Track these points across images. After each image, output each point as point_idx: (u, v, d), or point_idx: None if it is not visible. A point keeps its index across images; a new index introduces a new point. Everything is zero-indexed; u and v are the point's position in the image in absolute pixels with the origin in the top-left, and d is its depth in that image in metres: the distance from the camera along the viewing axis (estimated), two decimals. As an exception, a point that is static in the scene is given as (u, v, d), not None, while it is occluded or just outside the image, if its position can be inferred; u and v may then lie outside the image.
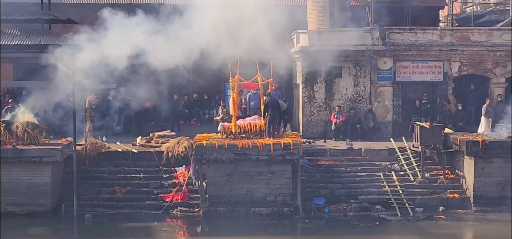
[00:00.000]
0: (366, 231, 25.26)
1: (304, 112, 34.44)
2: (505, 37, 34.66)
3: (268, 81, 29.19)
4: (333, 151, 30.62)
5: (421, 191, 28.38)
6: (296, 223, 26.39)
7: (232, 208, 26.75)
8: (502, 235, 24.99)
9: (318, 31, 34.36)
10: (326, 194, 28.07)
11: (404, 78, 34.65)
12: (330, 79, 34.32)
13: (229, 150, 26.67)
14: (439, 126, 30.23)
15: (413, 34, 34.49)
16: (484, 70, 34.89)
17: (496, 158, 27.78)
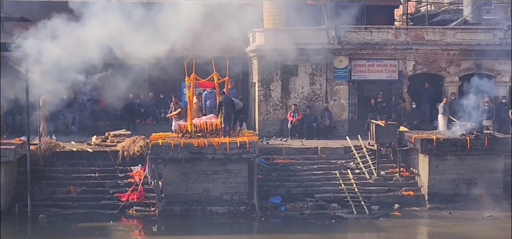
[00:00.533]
0: (322, 229, 25.31)
1: (260, 111, 34.45)
2: (459, 36, 35.08)
3: (224, 80, 29.11)
4: (289, 150, 30.66)
5: (377, 189, 28.56)
6: (253, 222, 26.36)
7: (188, 207, 26.65)
8: (455, 231, 25.26)
9: (274, 30, 34.37)
10: (282, 193, 28.09)
11: (359, 77, 34.85)
12: (286, 78, 34.38)
13: (185, 149, 26.55)
14: (394, 124, 30.44)
15: (368, 33, 34.70)
16: (438, 69, 35.23)
17: (450, 155, 28.05)
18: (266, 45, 33.91)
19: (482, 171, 28.07)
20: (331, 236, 24.95)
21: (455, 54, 34.90)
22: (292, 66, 34.33)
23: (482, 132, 28.59)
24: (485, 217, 26.65)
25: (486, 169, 28.08)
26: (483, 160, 28.08)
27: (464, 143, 27.92)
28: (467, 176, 28.06)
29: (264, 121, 34.43)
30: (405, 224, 26.24)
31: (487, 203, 27.48)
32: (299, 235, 24.96)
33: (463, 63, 35.12)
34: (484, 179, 28.05)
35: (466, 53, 34.83)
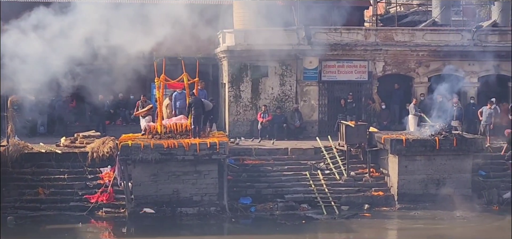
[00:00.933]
0: (293, 229, 25.33)
1: (231, 112, 34.42)
2: (428, 37, 35.32)
3: (194, 81, 29.04)
4: (259, 150, 30.65)
5: (347, 189, 28.61)
6: (223, 223, 26.32)
7: (158, 208, 26.54)
8: (424, 231, 25.41)
9: (244, 31, 34.39)
10: (252, 193, 28.06)
11: (329, 78, 34.94)
12: (256, 79, 34.38)
13: (155, 150, 26.44)
14: (364, 124, 30.54)
15: (338, 34, 34.80)
16: (408, 69, 35.44)
17: (419, 156, 28.19)
18: (236, 46, 33.90)
19: (451, 171, 28.25)
20: (301, 236, 24.95)
21: (424, 55, 35.14)
22: (262, 67, 34.35)
23: (450, 132, 28.77)
24: (455, 217, 26.81)
25: (455, 169, 28.26)
26: (452, 160, 28.26)
27: (433, 143, 28.08)
28: (436, 176, 28.22)
29: (234, 121, 34.41)
30: (375, 224, 26.33)
31: (456, 203, 27.66)
32: (269, 236, 24.95)
33: (432, 64, 35.37)
34: (453, 179, 28.23)
35: (435, 54, 35.04)
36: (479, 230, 25.62)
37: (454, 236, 25.25)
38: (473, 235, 25.21)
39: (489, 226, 26.09)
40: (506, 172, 29.85)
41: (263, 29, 34.49)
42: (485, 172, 29.68)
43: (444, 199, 27.87)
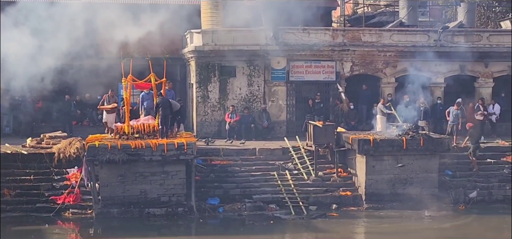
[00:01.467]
0: (261, 230, 25.33)
1: (198, 112, 34.33)
2: (395, 38, 35.51)
3: (162, 81, 28.91)
4: (227, 151, 30.60)
5: (315, 190, 28.65)
6: (191, 224, 26.24)
7: (126, 209, 26.40)
8: (392, 231, 25.52)
9: (211, 31, 34.31)
10: (220, 194, 28.01)
11: (297, 78, 34.97)
12: (224, 79, 34.33)
13: (122, 150, 26.28)
14: (331, 125, 30.63)
15: (306, 34, 34.84)
16: (375, 70, 35.59)
17: (386, 156, 28.32)
18: (204, 46, 33.82)
19: (418, 171, 28.40)
20: (269, 237, 24.96)
21: (391, 55, 35.31)
22: (230, 67, 34.31)
23: (417, 132, 28.93)
24: (422, 217, 26.96)
25: (421, 168, 28.42)
26: (418, 160, 28.41)
27: (400, 143, 28.22)
28: (404, 176, 28.35)
29: (202, 122, 34.32)
30: (343, 224, 26.39)
31: (423, 202, 27.82)
32: (237, 237, 24.93)
33: (399, 65, 35.55)
34: (420, 179, 28.39)
35: (402, 54, 35.23)
36: (446, 229, 25.79)
37: (421, 235, 25.35)
38: (440, 234, 25.37)
39: (456, 225, 26.27)
40: (472, 172, 30.12)
41: (230, 29, 34.48)
42: (451, 172, 29.91)
43: (411, 198, 28.03)
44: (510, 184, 29.43)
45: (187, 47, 35.31)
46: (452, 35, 36.11)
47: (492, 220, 26.85)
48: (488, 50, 35.90)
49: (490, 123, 35.22)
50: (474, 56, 35.52)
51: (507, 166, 30.51)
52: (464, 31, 36.98)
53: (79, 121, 36.24)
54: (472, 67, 36.12)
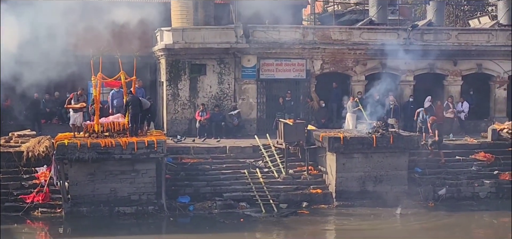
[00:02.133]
0: (231, 228, 25.29)
1: (168, 110, 34.23)
2: (365, 36, 35.65)
3: (132, 79, 28.77)
4: (198, 149, 30.53)
5: (285, 187, 28.68)
6: (161, 222, 26.15)
7: (96, 208, 26.25)
8: (362, 228, 25.61)
9: (182, 29, 34.23)
10: (191, 192, 27.94)
11: (268, 76, 34.99)
12: (194, 77, 34.26)
13: (92, 149, 26.12)
14: (302, 122, 30.68)
15: (276, 33, 34.87)
16: (345, 68, 35.69)
17: (356, 153, 28.40)
18: (174, 44, 33.73)
19: (388, 168, 28.53)
20: (240, 235, 24.92)
21: (361, 53, 35.44)
22: (200, 65, 34.27)
23: (387, 130, 29.05)
24: (392, 214, 27.08)
25: (391, 166, 28.55)
26: (388, 158, 28.54)
27: (371, 141, 28.33)
28: (374, 173, 28.46)
29: (172, 120, 34.23)
30: (313, 221, 26.44)
31: (392, 199, 27.97)
32: (207, 235, 24.87)
33: (369, 63, 35.69)
34: (390, 176, 28.52)
35: (372, 52, 35.38)
36: (415, 227, 25.92)
37: (391, 232, 25.47)
38: (410, 231, 25.49)
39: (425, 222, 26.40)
40: (441, 169, 30.31)
41: (201, 27, 34.44)
42: (421, 169, 30.07)
43: (381, 196, 28.18)
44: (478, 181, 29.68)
45: (157, 45, 35.19)
46: (422, 33, 36.35)
47: (461, 217, 27.02)
48: (457, 48, 36.18)
49: (459, 120, 35.51)
50: (443, 55, 35.80)
51: (476, 163, 30.75)
52: (433, 29, 37.26)
53: (48, 119, 35.95)
54: (441, 65, 36.37)
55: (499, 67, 36.75)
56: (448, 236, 24.88)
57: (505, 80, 36.93)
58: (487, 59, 36.61)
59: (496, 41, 36.65)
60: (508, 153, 31.41)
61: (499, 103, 37.11)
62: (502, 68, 36.75)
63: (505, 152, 31.47)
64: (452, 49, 36.06)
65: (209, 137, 32.51)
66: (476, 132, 34.34)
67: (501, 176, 30.11)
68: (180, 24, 34.88)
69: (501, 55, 36.52)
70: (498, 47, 36.48)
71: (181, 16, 35.16)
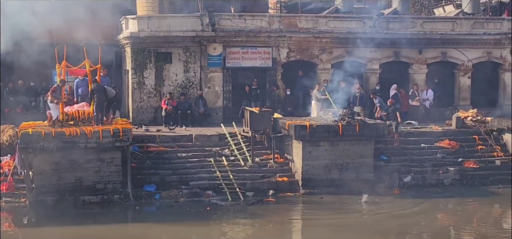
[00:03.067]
0: (197, 216, 25.25)
1: (134, 99, 34.05)
2: (331, 24, 35.71)
3: (97, 68, 28.55)
4: (164, 137, 30.41)
5: (252, 176, 28.69)
6: (127, 211, 26.06)
7: (60, 197, 26.04)
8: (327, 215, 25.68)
9: (147, 17, 34.04)
10: (157, 181, 27.85)
11: (234, 64, 34.91)
12: (160, 65, 34.10)
13: (57, 138, 25.88)
14: (268, 111, 30.66)
15: (242, 21, 34.79)
16: (311, 56, 35.73)
17: (322, 141, 28.48)
18: (139, 32, 33.54)
19: (353, 156, 28.65)
20: (206, 223, 24.83)
21: (327, 41, 35.49)
22: (166, 53, 34.12)
23: (353, 118, 29.16)
24: (357, 201, 27.20)
25: (357, 154, 28.69)
26: (354, 145, 28.67)
27: (337, 129, 28.42)
28: (340, 161, 28.57)
29: (138, 108, 34.06)
30: (280, 209, 26.49)
31: (358, 187, 28.10)
32: (173, 223, 24.76)
33: (335, 51, 35.76)
34: (356, 164, 28.67)
35: (338, 41, 35.45)
36: (381, 213, 26.06)
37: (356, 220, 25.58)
38: (376, 218, 25.62)
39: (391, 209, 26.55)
40: (406, 157, 30.50)
41: (166, 15, 34.27)
42: (386, 157, 30.26)
43: (347, 183, 28.32)
44: (443, 169, 29.93)
45: (123, 33, 34.96)
46: (387, 22, 36.50)
47: (426, 204, 27.20)
48: (422, 37, 36.39)
49: (424, 108, 35.75)
50: (409, 43, 35.97)
51: (440, 151, 31.00)
52: (399, 18, 37.44)
53: (12, 107, 35.55)
54: (406, 53, 36.57)
55: (463, 56, 37.06)
56: (414, 223, 25.02)
57: (469, 69, 37.27)
58: (451, 47, 36.89)
59: (460, 29, 36.96)
60: (472, 140, 31.77)
61: (463, 91, 37.44)
62: (466, 57, 37.07)
63: (469, 139, 31.83)
64: (417, 38, 36.26)
65: (175, 125, 32.37)
66: (441, 120, 34.65)
67: (465, 163, 30.45)
68: (145, 12, 34.68)
69: (465, 43, 36.84)
70: (463, 35, 36.79)
71: (146, 4, 34.98)
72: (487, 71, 37.51)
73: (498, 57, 37.50)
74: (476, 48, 37.14)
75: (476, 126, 32.44)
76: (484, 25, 37.36)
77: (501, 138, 31.99)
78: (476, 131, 32.21)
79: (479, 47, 37.17)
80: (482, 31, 36.99)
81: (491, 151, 31.38)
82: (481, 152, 31.31)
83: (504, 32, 37.06)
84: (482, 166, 30.49)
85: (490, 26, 37.35)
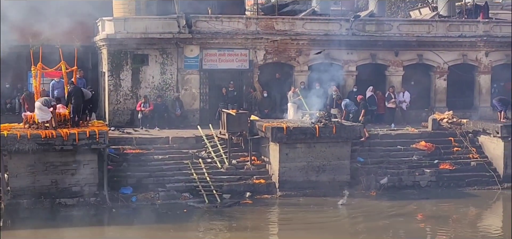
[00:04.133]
0: (174, 218, 25.20)
1: (110, 101, 33.89)
2: (308, 27, 35.75)
3: (72, 70, 28.40)
4: (140, 140, 30.31)
5: (228, 178, 28.66)
6: (103, 213, 25.93)
7: (36, 200, 25.88)
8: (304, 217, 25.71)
9: (123, 19, 33.94)
10: (133, 183, 27.74)
11: (211, 66, 34.87)
12: (136, 67, 33.98)
13: (32, 140, 25.72)
14: (245, 113, 30.67)
15: (219, 22, 34.75)
16: (288, 58, 35.75)
17: (300, 143, 28.51)
18: (116, 34, 33.40)
19: (330, 158, 28.71)
20: (183, 225, 24.81)
21: (304, 44, 35.52)
22: (143, 55, 34.00)
23: (330, 120, 29.21)
24: (334, 203, 27.24)
25: (334, 156, 28.74)
26: (331, 147, 28.72)
27: (313, 131, 28.45)
28: (316, 163, 28.62)
29: (114, 110, 33.91)
30: (256, 211, 26.49)
31: (335, 189, 28.17)
32: (150, 226, 24.70)
33: (312, 53, 35.77)
34: (333, 166, 28.72)
35: (315, 43, 35.50)
36: (358, 215, 26.14)
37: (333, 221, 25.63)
38: (352, 220, 25.70)
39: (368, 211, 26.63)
40: (383, 159, 30.60)
41: (143, 17, 34.18)
42: (363, 159, 30.34)
43: (324, 185, 28.37)
44: (419, 170, 30.06)
45: (99, 35, 34.80)
46: (364, 24, 36.64)
47: (402, 206, 27.32)
48: (398, 39, 36.55)
49: (401, 110, 35.89)
50: (385, 45, 36.16)
51: (417, 152, 31.14)
52: (375, 20, 37.56)
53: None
54: (383, 56, 36.73)
55: (439, 58, 37.28)
56: (390, 224, 25.12)
57: (445, 71, 37.49)
58: (427, 50, 37.10)
59: (436, 32, 37.18)
60: (448, 142, 31.96)
61: (439, 93, 37.65)
62: (442, 59, 37.28)
63: (445, 141, 32.04)
64: (393, 40, 36.43)
65: (152, 128, 32.28)
66: (417, 122, 34.82)
67: (441, 165, 30.61)
68: (122, 13, 34.56)
69: (441, 46, 37.07)
70: (439, 38, 37.01)
71: (123, 5, 34.88)
72: (462, 73, 37.71)
73: (474, 59, 37.75)
74: (452, 50, 37.37)
75: (452, 128, 32.65)
76: (460, 28, 37.61)
77: (477, 140, 32.19)
78: (452, 133, 32.41)
79: (455, 50, 37.42)
80: (457, 34, 37.23)
81: (466, 152, 31.59)
82: (456, 154, 31.54)
83: (479, 34, 37.35)
84: (457, 167, 30.67)
85: (465, 29, 37.61)
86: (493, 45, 37.63)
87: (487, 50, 37.63)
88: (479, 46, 37.47)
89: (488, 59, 37.88)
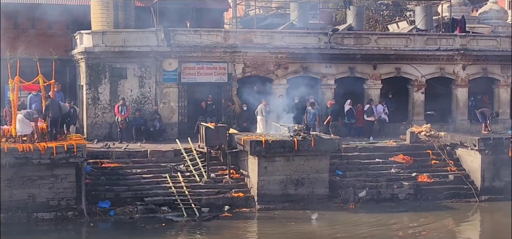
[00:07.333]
0: (153, 232, 25.08)
1: (89, 114, 33.76)
2: (286, 40, 35.83)
3: (50, 83, 28.26)
4: (118, 153, 30.17)
5: (207, 191, 28.59)
6: (81, 227, 25.76)
7: (13, 214, 25.65)
8: (283, 231, 25.68)
9: (102, 32, 33.84)
10: (111, 197, 27.58)
11: (189, 80, 34.82)
12: (114, 81, 33.87)
13: (9, 153, 25.51)
14: (223, 126, 30.61)
15: (198, 36, 34.74)
16: (267, 71, 35.79)
17: (278, 157, 28.49)
18: (94, 48, 33.30)
19: (309, 171, 28.71)
20: (162, 239, 24.77)
21: (282, 57, 35.57)
22: (121, 68, 33.90)
23: (309, 133, 29.24)
24: (313, 217, 27.23)
25: (313, 169, 28.75)
26: (310, 161, 28.73)
27: (292, 144, 28.45)
28: (295, 176, 28.61)
29: (93, 124, 33.77)
30: (235, 225, 26.44)
31: (314, 202, 28.18)
32: (128, 240, 24.64)
33: (290, 66, 35.87)
34: (311, 179, 28.72)
35: (293, 56, 35.58)
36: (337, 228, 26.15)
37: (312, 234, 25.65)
38: (330, 233, 25.70)
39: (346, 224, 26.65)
40: (361, 172, 30.66)
41: (121, 30, 34.11)
42: (341, 172, 30.37)
43: (303, 199, 28.38)
44: (398, 183, 30.14)
45: (77, 48, 34.68)
46: (342, 37, 36.78)
47: (381, 218, 27.38)
48: (376, 52, 36.72)
49: (379, 123, 36.00)
50: (363, 59, 36.32)
51: (395, 165, 31.24)
52: (354, 34, 37.71)
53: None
54: (361, 69, 36.88)
55: (417, 71, 37.49)
56: (369, 237, 25.15)
57: (422, 84, 37.70)
58: (405, 63, 37.31)
59: (414, 45, 37.41)
60: (426, 155, 32.07)
61: (417, 106, 37.85)
62: (420, 72, 37.51)
63: (423, 154, 32.14)
64: (371, 53, 36.60)
65: (130, 141, 32.16)
66: (395, 135, 34.95)
67: (419, 177, 30.68)
68: (100, 27, 34.47)
69: (419, 59, 37.28)
70: (416, 51, 37.24)
71: (101, 18, 34.77)
72: (440, 86, 37.92)
73: (451, 73, 38.01)
74: (429, 64, 37.62)
75: (429, 141, 32.76)
76: (437, 42, 37.87)
77: (454, 153, 32.32)
78: (430, 146, 32.52)
79: (432, 63, 37.67)
80: (435, 47, 37.49)
81: (444, 165, 31.71)
82: (434, 167, 31.63)
83: (456, 48, 37.62)
84: (436, 180, 30.75)
85: (443, 42, 37.88)
86: (470, 58, 37.93)
87: (464, 64, 37.91)
88: (456, 60, 37.73)
89: (465, 73, 38.15)
